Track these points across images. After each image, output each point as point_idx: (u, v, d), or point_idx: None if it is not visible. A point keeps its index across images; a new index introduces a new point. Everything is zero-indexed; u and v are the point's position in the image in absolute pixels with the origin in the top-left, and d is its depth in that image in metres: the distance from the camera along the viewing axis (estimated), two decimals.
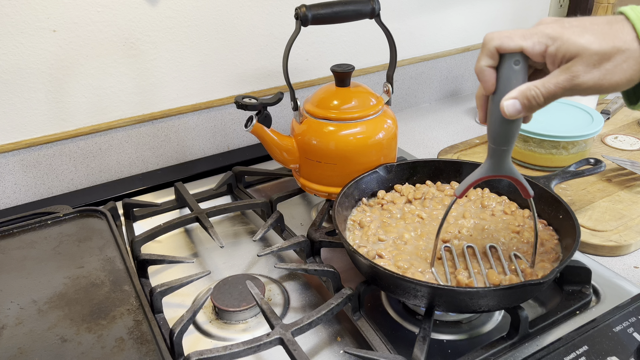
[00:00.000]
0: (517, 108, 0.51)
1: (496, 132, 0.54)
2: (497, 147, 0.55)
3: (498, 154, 0.56)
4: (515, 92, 0.51)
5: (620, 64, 0.47)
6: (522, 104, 0.51)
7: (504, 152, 0.56)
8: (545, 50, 0.49)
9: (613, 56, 0.47)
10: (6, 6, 0.80)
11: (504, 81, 0.52)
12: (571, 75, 0.48)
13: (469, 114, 1.27)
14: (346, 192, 0.74)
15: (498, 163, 0.57)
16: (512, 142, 0.55)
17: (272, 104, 0.78)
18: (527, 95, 0.50)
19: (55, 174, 0.93)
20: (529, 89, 0.50)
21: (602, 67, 0.47)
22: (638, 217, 0.82)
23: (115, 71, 0.92)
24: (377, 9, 0.78)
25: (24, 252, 0.70)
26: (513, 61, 0.51)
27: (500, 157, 0.56)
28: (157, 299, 0.65)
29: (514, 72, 0.51)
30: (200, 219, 0.80)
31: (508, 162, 0.57)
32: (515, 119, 0.52)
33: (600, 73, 0.47)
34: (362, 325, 0.63)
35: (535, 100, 0.50)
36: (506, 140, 0.55)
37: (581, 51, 0.47)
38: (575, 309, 0.65)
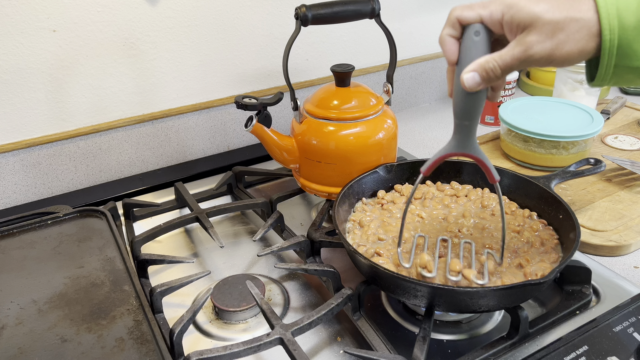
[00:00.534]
0: (477, 80, 0.50)
1: (458, 105, 0.54)
2: (460, 121, 0.55)
3: (461, 129, 0.55)
4: (474, 64, 0.50)
5: (573, 33, 0.46)
6: (480, 77, 0.50)
7: (466, 128, 0.55)
8: (502, 18, 0.49)
9: (567, 26, 0.46)
10: (6, 6, 0.80)
11: (464, 52, 0.51)
12: (525, 46, 0.47)
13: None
14: (346, 192, 0.74)
15: (462, 140, 0.56)
16: (474, 117, 0.54)
17: (272, 104, 0.78)
18: (485, 68, 0.50)
19: (55, 174, 0.93)
20: (487, 61, 0.50)
21: (555, 38, 0.46)
22: (638, 217, 0.82)
23: (115, 71, 0.92)
24: (377, 9, 0.78)
25: (24, 252, 0.70)
26: (473, 32, 0.50)
27: (463, 133, 0.55)
28: (157, 299, 0.65)
29: (474, 43, 0.51)
30: (200, 219, 0.80)
31: (472, 140, 0.56)
32: (476, 91, 0.51)
33: (552, 44, 0.47)
34: (362, 325, 0.63)
35: (493, 73, 0.50)
36: (468, 115, 0.54)
37: (534, 20, 0.46)
38: (575, 309, 0.65)
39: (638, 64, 0.46)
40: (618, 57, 0.46)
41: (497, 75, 0.50)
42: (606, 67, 0.47)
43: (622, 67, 0.47)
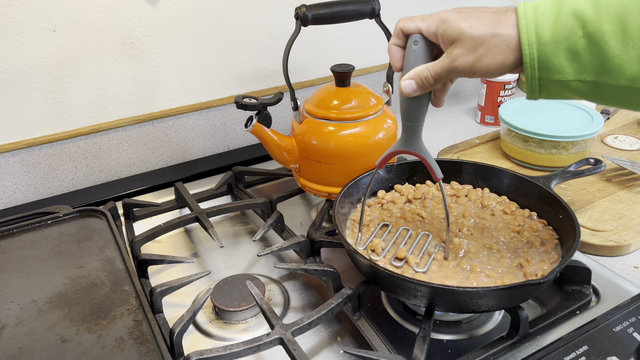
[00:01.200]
0: (413, 87, 0.55)
1: (402, 108, 0.60)
2: (404, 122, 0.60)
3: (406, 129, 0.61)
4: (411, 72, 0.55)
5: (493, 47, 0.50)
6: (416, 84, 0.55)
7: (410, 128, 0.60)
8: (437, 32, 0.53)
9: (487, 41, 0.50)
10: (6, 6, 0.80)
11: (406, 60, 0.56)
12: (451, 58, 0.52)
13: (469, 114, 1.27)
14: (346, 192, 0.74)
15: (407, 139, 0.61)
16: (417, 118, 0.59)
17: (272, 104, 0.78)
18: (420, 76, 0.54)
19: (55, 174, 0.93)
20: (422, 70, 0.54)
21: (477, 52, 0.50)
22: (638, 217, 0.82)
23: (115, 71, 0.92)
24: (377, 9, 0.78)
25: (24, 252, 0.70)
26: (413, 41, 0.55)
27: (409, 133, 0.61)
28: (157, 299, 0.65)
29: (413, 52, 0.55)
30: (200, 219, 0.80)
31: (417, 139, 0.61)
32: (417, 96, 0.56)
33: (474, 57, 0.50)
34: (362, 325, 0.63)
35: (426, 81, 0.54)
36: (411, 116, 0.59)
37: (460, 35, 0.50)
38: (575, 309, 0.65)
39: (560, 77, 0.49)
40: (541, 71, 0.49)
41: (430, 83, 0.54)
42: (531, 79, 0.50)
43: (547, 80, 0.50)
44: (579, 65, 0.48)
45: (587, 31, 0.47)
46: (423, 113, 0.59)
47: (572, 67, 0.48)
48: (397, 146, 0.63)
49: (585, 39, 0.47)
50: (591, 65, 0.48)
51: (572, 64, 0.48)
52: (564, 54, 0.48)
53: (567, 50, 0.48)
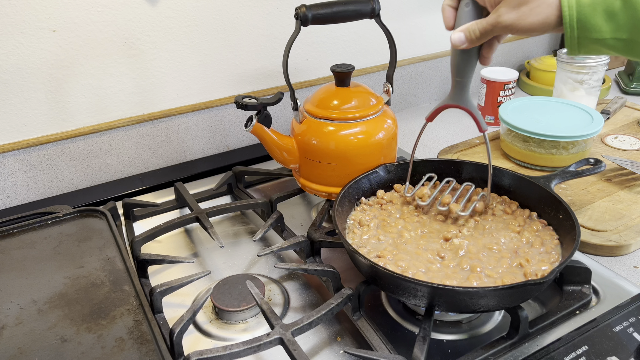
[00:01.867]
0: (462, 39, 0.61)
1: (452, 63, 0.66)
2: (454, 77, 0.67)
3: (456, 85, 0.67)
4: (462, 27, 0.62)
5: (535, 8, 0.55)
6: (465, 36, 0.61)
7: (458, 83, 0.67)
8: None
9: (530, 1, 0.55)
10: (6, 6, 0.80)
11: (457, 19, 0.63)
12: (496, 14, 0.58)
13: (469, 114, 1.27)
14: (346, 192, 0.74)
15: (457, 94, 0.68)
16: (465, 74, 0.66)
17: (272, 104, 0.78)
18: (469, 29, 0.61)
19: (55, 174, 0.93)
20: (471, 24, 0.60)
21: (520, 10, 0.56)
22: (638, 217, 0.82)
23: (115, 71, 0.92)
24: (377, 9, 0.78)
25: (24, 252, 0.70)
26: (465, 3, 0.62)
27: (457, 88, 0.67)
28: (157, 299, 0.65)
29: (464, 12, 0.62)
30: (200, 219, 0.80)
31: (465, 94, 0.68)
32: (465, 50, 0.63)
33: (517, 14, 0.56)
34: (362, 325, 0.63)
35: (473, 34, 0.60)
36: (460, 72, 0.66)
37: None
38: (575, 309, 0.65)
39: (598, 36, 0.54)
40: (579, 30, 0.54)
41: (477, 36, 0.60)
42: (570, 38, 0.55)
43: (585, 38, 0.55)
44: (615, 25, 0.53)
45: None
46: (471, 69, 0.65)
47: (608, 26, 0.53)
48: (446, 100, 0.69)
49: (621, 1, 0.52)
50: (626, 24, 0.53)
51: (609, 23, 0.53)
52: (601, 15, 0.53)
53: (604, 11, 0.53)
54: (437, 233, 0.70)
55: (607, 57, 1.08)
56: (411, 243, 0.68)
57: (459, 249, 0.66)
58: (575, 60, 1.08)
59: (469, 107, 0.69)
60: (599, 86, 1.12)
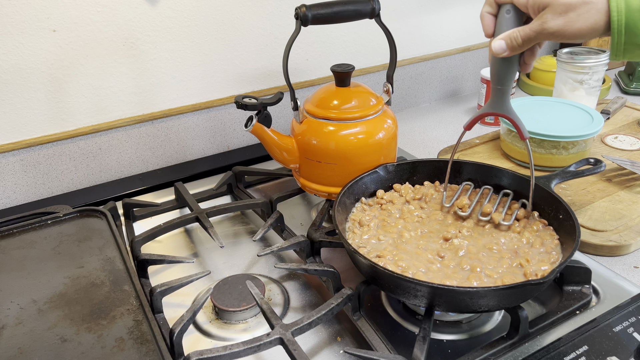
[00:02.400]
0: (503, 47, 0.60)
1: (493, 71, 0.65)
2: (495, 86, 0.65)
3: (496, 93, 0.66)
4: (503, 34, 0.60)
5: (584, 13, 0.54)
6: (506, 44, 0.60)
7: (499, 91, 0.65)
8: (527, 2, 0.58)
9: (578, 7, 0.54)
10: (6, 6, 0.80)
11: (497, 26, 0.62)
12: (541, 21, 0.56)
13: (469, 114, 1.27)
14: (346, 192, 0.74)
15: (497, 102, 0.66)
16: (506, 81, 0.64)
17: (272, 104, 0.78)
18: (511, 37, 0.59)
19: (55, 174, 0.93)
20: (513, 32, 0.59)
21: (567, 16, 0.54)
22: (638, 217, 0.82)
23: (115, 71, 0.92)
24: (377, 9, 0.78)
25: (24, 252, 0.70)
26: (505, 10, 0.61)
27: (497, 96, 0.66)
28: (157, 299, 0.65)
29: (505, 20, 0.61)
30: (200, 219, 0.80)
31: (506, 101, 0.66)
32: (507, 57, 0.61)
33: (564, 20, 0.55)
34: (362, 325, 0.63)
35: (515, 41, 0.59)
36: (500, 80, 0.64)
37: (551, 1, 0.55)
38: (575, 309, 0.65)
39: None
40: (627, 36, 0.54)
41: (519, 44, 0.59)
42: (617, 44, 0.55)
43: (632, 44, 0.54)
44: None
45: None
46: (512, 77, 0.64)
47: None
48: (486, 108, 0.68)
49: None
50: None
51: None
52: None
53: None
54: (437, 233, 0.70)
55: (607, 57, 1.08)
56: (411, 243, 0.68)
57: (459, 249, 0.66)
58: (575, 61, 1.08)
59: (511, 115, 0.67)
60: (599, 86, 1.12)
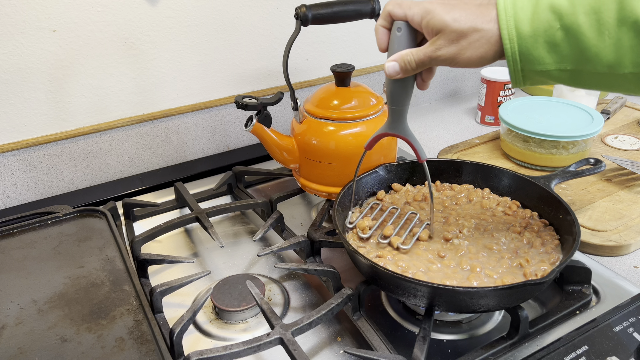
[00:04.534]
0: (396, 69, 0.57)
1: (388, 91, 0.61)
2: (390, 106, 0.62)
3: (392, 113, 0.63)
4: (396, 55, 0.57)
5: (474, 42, 0.52)
6: (399, 66, 0.57)
7: (395, 112, 0.62)
8: (421, 22, 0.55)
9: (469, 35, 0.52)
10: (6, 6, 0.80)
11: (390, 44, 0.58)
12: (435, 47, 0.54)
13: (469, 114, 1.27)
14: (346, 192, 0.74)
15: (394, 122, 0.63)
16: (402, 102, 0.61)
17: (272, 103, 0.78)
18: (404, 59, 0.56)
19: (55, 174, 0.93)
20: (406, 54, 0.56)
21: (459, 44, 0.52)
22: (638, 217, 0.82)
23: (115, 71, 0.92)
24: (377, 9, 0.78)
25: (24, 252, 0.70)
26: (397, 28, 0.57)
27: (395, 116, 0.63)
28: (157, 299, 0.65)
29: (397, 38, 0.57)
30: (200, 218, 0.80)
31: (402, 122, 0.63)
32: (402, 80, 0.59)
33: (456, 48, 0.53)
34: (362, 325, 0.63)
35: (409, 65, 0.56)
36: (395, 100, 0.61)
37: (444, 27, 0.53)
38: (575, 309, 0.65)
39: (541, 68, 0.51)
40: (522, 63, 0.52)
41: (413, 67, 0.56)
42: (514, 71, 0.53)
43: (529, 70, 0.52)
44: (558, 56, 0.50)
45: (564, 23, 0.49)
46: (408, 97, 0.61)
47: (552, 57, 0.51)
48: (383, 129, 0.65)
49: (562, 31, 0.49)
50: (570, 55, 0.50)
51: (552, 54, 0.50)
52: (544, 46, 0.50)
53: (546, 42, 0.50)
54: (437, 233, 0.70)
55: None
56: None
57: (459, 249, 0.66)
58: None
59: (407, 136, 0.64)
60: None
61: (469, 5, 0.53)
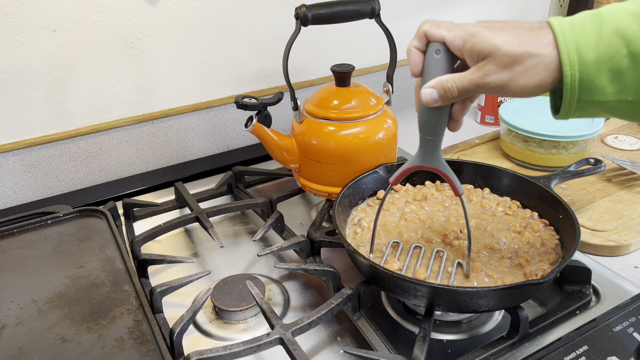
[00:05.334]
0: (434, 97, 0.52)
1: (421, 120, 0.56)
2: (424, 136, 0.57)
3: (425, 143, 0.57)
4: (434, 81, 0.52)
5: (531, 68, 0.47)
6: (438, 94, 0.52)
7: (430, 142, 0.57)
8: (463, 46, 0.50)
9: (524, 60, 0.47)
10: (6, 6, 0.80)
11: (426, 67, 0.53)
12: (483, 73, 0.48)
13: (469, 113, 1.27)
14: (346, 192, 0.74)
15: (427, 153, 0.58)
16: (437, 132, 0.56)
17: (272, 104, 0.78)
18: (444, 86, 0.51)
19: (55, 174, 0.93)
20: (447, 80, 0.51)
21: (513, 70, 0.47)
22: (638, 217, 0.82)
23: (115, 71, 0.92)
24: (377, 9, 0.78)
25: (24, 252, 0.70)
26: (434, 50, 0.52)
27: (427, 147, 0.57)
28: (157, 299, 0.65)
29: (435, 61, 0.52)
30: (200, 218, 0.80)
31: (437, 153, 0.58)
32: (437, 108, 0.53)
33: (509, 75, 0.47)
34: (362, 325, 0.63)
35: (450, 93, 0.51)
36: (430, 130, 0.56)
37: (494, 51, 0.47)
38: (575, 309, 0.65)
39: (600, 99, 0.47)
40: (580, 92, 0.47)
41: (454, 96, 0.51)
42: (569, 101, 0.48)
43: (585, 101, 0.47)
44: (621, 86, 0.46)
45: (631, 50, 0.45)
46: (443, 126, 0.56)
47: (613, 87, 0.46)
48: (415, 161, 0.59)
49: (629, 59, 0.45)
50: (633, 84, 0.46)
51: (614, 84, 0.46)
52: (607, 74, 0.46)
53: (610, 70, 0.46)
54: (437, 233, 0.70)
55: None
56: (411, 243, 0.68)
57: (459, 249, 0.66)
58: None
59: (443, 169, 0.58)
60: None
61: (519, 28, 0.48)
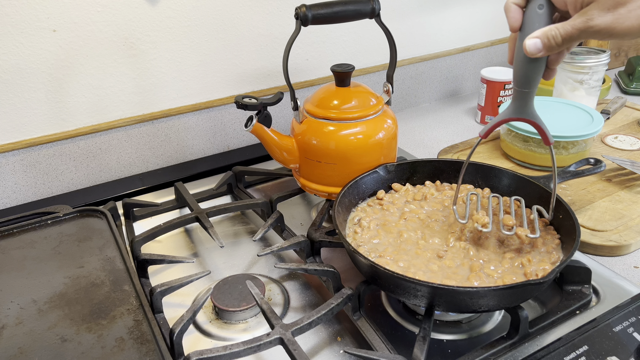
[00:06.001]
0: (538, 47, 0.54)
1: (519, 72, 0.58)
2: (520, 89, 0.59)
3: (520, 96, 0.59)
4: (538, 32, 0.54)
5: (635, 9, 0.48)
6: (542, 43, 0.54)
7: (525, 95, 0.59)
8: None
9: (628, 2, 0.48)
10: (6, 6, 0.80)
11: (527, 22, 0.55)
12: (586, 17, 0.50)
13: (469, 113, 1.27)
14: (346, 192, 0.74)
15: (521, 106, 0.60)
16: (533, 84, 0.58)
17: (272, 103, 0.78)
18: (548, 35, 0.53)
19: (55, 174, 0.93)
20: (550, 29, 0.53)
21: (616, 12, 0.49)
22: (638, 217, 0.82)
23: (115, 71, 0.92)
24: (377, 8, 0.78)
25: (24, 252, 0.70)
26: (537, 5, 0.54)
27: (522, 100, 0.59)
28: (157, 299, 0.65)
29: (537, 15, 0.55)
30: (200, 218, 0.80)
31: (530, 105, 0.60)
32: (536, 58, 0.55)
33: (613, 17, 0.49)
34: (362, 325, 0.63)
35: (554, 40, 0.53)
36: (527, 82, 0.58)
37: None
38: (575, 308, 0.65)
39: None
40: None
41: (558, 43, 0.53)
42: None
43: None
44: None
45: None
46: (539, 78, 0.58)
47: None
48: (508, 113, 0.61)
49: None
50: None
51: None
52: None
53: None
54: (437, 233, 0.70)
55: (607, 57, 1.08)
56: (411, 243, 0.68)
57: (459, 249, 0.66)
58: (575, 60, 1.08)
59: (537, 121, 0.60)
60: (599, 86, 1.12)
61: None
